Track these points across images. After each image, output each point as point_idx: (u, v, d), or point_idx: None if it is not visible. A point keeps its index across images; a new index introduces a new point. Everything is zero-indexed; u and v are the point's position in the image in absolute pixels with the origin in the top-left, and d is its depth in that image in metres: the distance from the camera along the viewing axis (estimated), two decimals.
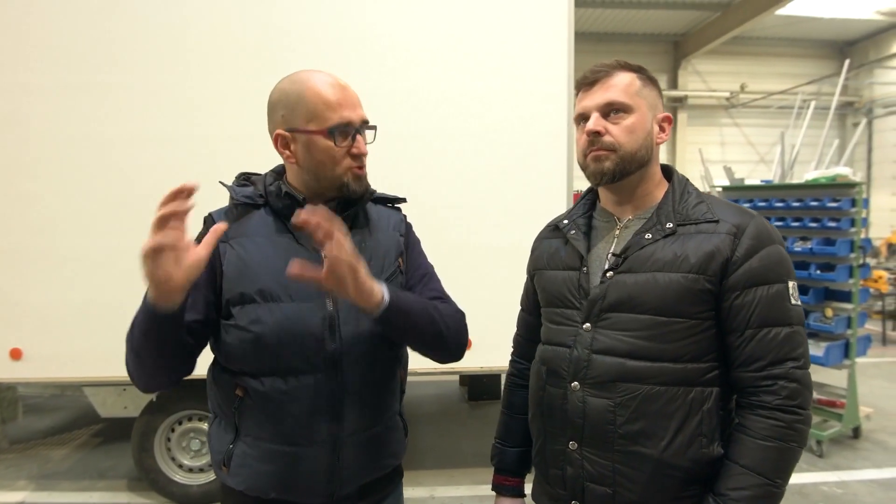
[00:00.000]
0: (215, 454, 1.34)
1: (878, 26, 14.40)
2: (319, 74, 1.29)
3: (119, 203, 3.09)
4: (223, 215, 1.34)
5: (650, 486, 1.18)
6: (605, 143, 1.24)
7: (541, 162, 3.30)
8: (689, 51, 14.80)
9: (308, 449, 1.26)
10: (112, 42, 3.07)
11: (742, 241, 1.17)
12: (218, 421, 1.36)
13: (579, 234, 1.33)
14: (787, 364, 1.15)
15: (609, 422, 1.19)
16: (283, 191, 1.29)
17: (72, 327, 3.14)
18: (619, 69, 1.26)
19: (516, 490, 1.51)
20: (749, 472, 1.13)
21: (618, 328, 1.21)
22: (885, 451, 4.21)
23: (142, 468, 3.43)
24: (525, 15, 3.23)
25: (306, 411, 1.25)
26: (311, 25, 3.13)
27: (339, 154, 1.26)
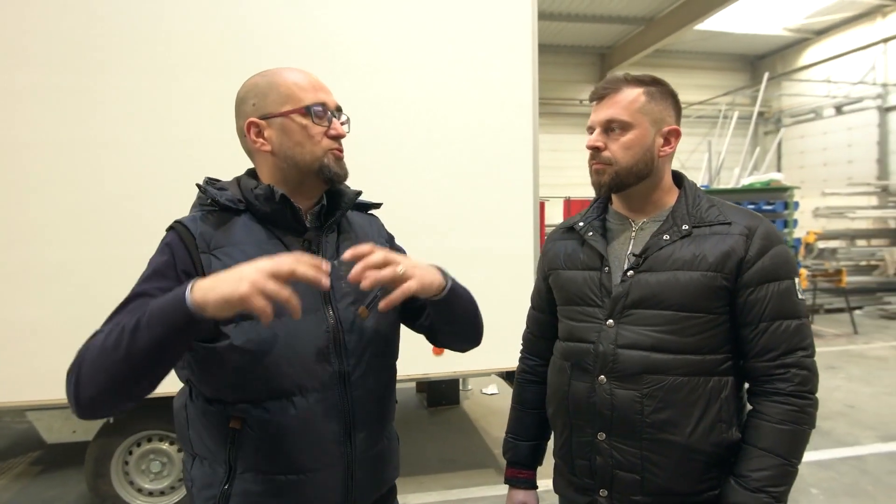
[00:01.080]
0: (203, 500, 1.18)
1: (786, 41, 15.53)
2: (289, 67, 1.26)
3: (68, 212, 2.93)
4: (198, 222, 1.18)
5: (676, 472, 1.26)
6: (602, 158, 1.33)
7: (507, 169, 3.38)
8: (615, 63, 15.44)
9: (321, 474, 1.17)
10: (77, 45, 2.93)
11: (754, 241, 1.27)
12: (198, 461, 1.20)
13: (597, 236, 1.40)
14: (798, 353, 1.25)
15: (637, 412, 1.26)
16: (277, 194, 1.17)
17: (14, 347, 2.95)
18: (626, 85, 1.34)
19: (529, 482, 1.57)
20: (768, 454, 1.22)
21: (641, 323, 1.28)
22: (819, 435, 4.53)
23: (98, 494, 3.25)
24: (490, 25, 3.31)
25: (319, 433, 1.16)
26: (288, 32, 3.10)
27: (318, 133, 1.20)
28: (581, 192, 13.12)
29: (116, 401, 1.02)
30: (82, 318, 2.90)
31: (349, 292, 1.20)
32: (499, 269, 3.31)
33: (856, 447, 4.28)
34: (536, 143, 3.42)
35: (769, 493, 1.20)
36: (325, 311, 1.18)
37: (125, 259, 2.97)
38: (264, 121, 1.20)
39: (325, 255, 1.22)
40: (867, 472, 3.85)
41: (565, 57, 15.19)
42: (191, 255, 1.14)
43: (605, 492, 1.32)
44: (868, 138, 14.15)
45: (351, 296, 1.21)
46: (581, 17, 13.47)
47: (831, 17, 13.98)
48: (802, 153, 15.81)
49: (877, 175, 13.52)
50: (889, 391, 5.63)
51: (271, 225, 1.20)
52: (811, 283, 8.42)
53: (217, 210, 1.20)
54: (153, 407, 3.19)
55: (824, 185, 12.46)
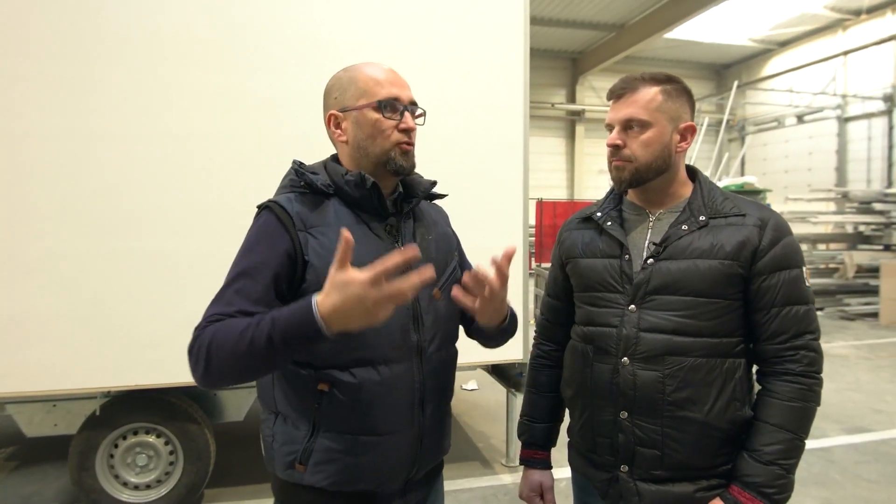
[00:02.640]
0: (283, 455, 1.27)
1: (751, 52, 16.00)
2: (371, 63, 1.35)
3: (55, 203, 2.89)
4: (293, 202, 1.27)
5: (695, 447, 1.33)
6: (623, 155, 1.40)
7: (498, 170, 3.45)
8: (586, 68, 15.70)
9: (396, 437, 1.28)
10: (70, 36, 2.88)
11: (766, 231, 1.35)
12: (282, 419, 1.29)
13: (615, 225, 1.47)
14: (806, 336, 1.34)
15: (659, 391, 1.33)
16: (368, 181, 1.26)
17: (2, 339, 2.89)
18: (643, 84, 1.40)
19: (545, 462, 1.63)
20: (779, 429, 1.31)
21: (662, 308, 1.35)
22: None
23: (82, 489, 3.20)
24: (482, 26, 3.37)
25: (397, 400, 1.27)
26: (279, 30, 3.11)
27: (388, 127, 1.29)
28: (553, 195, 13.32)
29: (238, 383, 1.18)
30: (65, 309, 2.92)
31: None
32: (487, 267, 3.36)
33: (823, 439, 4.47)
34: (527, 142, 3.49)
35: (781, 465, 1.29)
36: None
37: (112, 252, 2.97)
38: (343, 113, 1.31)
39: (405, 239, 1.33)
40: (834, 462, 4.03)
41: (538, 61, 15.34)
42: (289, 232, 1.22)
43: (626, 467, 1.39)
44: (827, 147, 14.69)
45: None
46: (554, 21, 13.67)
47: (794, 30, 14.47)
48: (765, 160, 16.32)
49: (835, 182, 14.05)
50: (851, 387, 5.88)
51: (358, 210, 1.30)
52: None
53: (308, 193, 1.29)
54: (139, 399, 3.20)
55: (786, 192, 12.89)
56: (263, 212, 1.29)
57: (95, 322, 2.96)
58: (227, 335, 1.09)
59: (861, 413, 5.10)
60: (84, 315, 2.95)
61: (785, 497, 1.30)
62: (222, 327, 1.11)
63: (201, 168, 3.04)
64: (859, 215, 10.73)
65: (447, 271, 1.39)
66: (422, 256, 1.24)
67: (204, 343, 1.11)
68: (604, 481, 1.44)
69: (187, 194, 3.03)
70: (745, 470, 1.31)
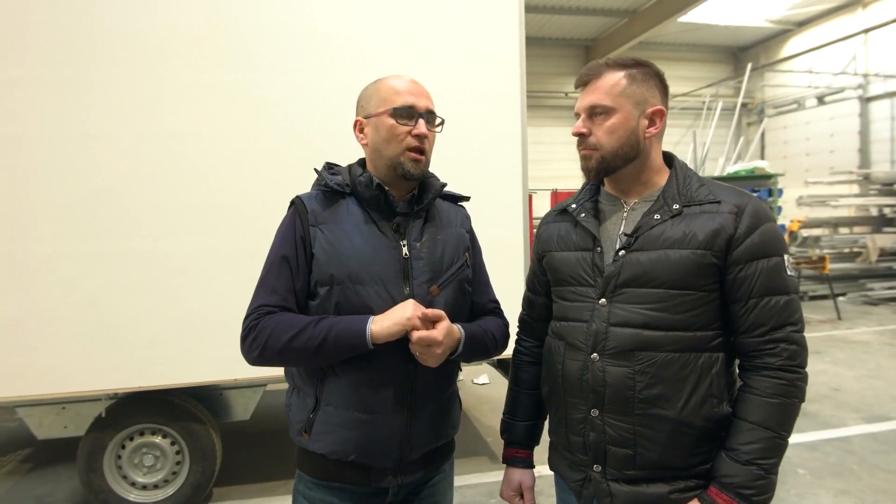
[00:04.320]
0: (295, 423, 1.45)
1: (768, 33, 15.64)
2: (398, 75, 1.48)
3: (60, 204, 2.91)
4: (313, 199, 1.45)
5: (668, 446, 1.28)
6: (588, 143, 1.37)
7: (495, 161, 3.40)
8: (599, 55, 15.46)
9: (385, 418, 1.39)
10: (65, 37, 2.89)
11: (743, 219, 1.29)
12: (297, 392, 1.47)
13: (589, 217, 1.42)
14: (787, 328, 1.27)
15: (629, 388, 1.29)
16: (374, 182, 1.41)
17: (5, 342, 2.92)
18: (608, 69, 1.36)
19: (527, 461, 1.60)
20: (758, 427, 1.25)
21: (633, 302, 1.31)
22: (805, 417, 4.61)
23: (91, 489, 3.24)
24: (477, 16, 3.32)
25: (387, 386, 1.39)
26: (272, 26, 3.10)
27: (401, 132, 1.40)
28: (568, 185, 13.16)
29: (283, 366, 1.44)
30: (69, 312, 2.94)
31: (424, 272, 1.43)
32: (489, 259, 3.32)
33: (841, 429, 4.37)
34: (524, 133, 3.43)
35: (759, 465, 1.23)
36: (402, 285, 1.40)
37: (113, 253, 2.98)
38: (366, 119, 1.46)
39: (410, 237, 1.44)
40: (852, 453, 3.94)
41: (550, 49, 15.21)
42: (304, 226, 1.41)
43: (598, 467, 1.35)
44: (850, 128, 14.32)
45: (426, 275, 1.43)
46: (565, 9, 13.50)
47: (813, 9, 14.11)
48: (786, 143, 15.97)
49: (858, 164, 13.70)
50: (872, 374, 5.74)
51: (370, 208, 1.44)
52: (795, 271, 8.52)
53: (328, 191, 1.45)
54: (144, 401, 3.23)
55: (807, 175, 12.60)
56: (291, 206, 1.47)
57: (98, 324, 2.98)
58: (286, 329, 1.32)
59: (881, 401, 4.98)
60: (87, 317, 2.97)
61: (765, 498, 1.24)
62: (282, 321, 1.33)
63: (200, 168, 3.04)
64: (882, 197, 10.47)
65: (450, 270, 1.48)
66: (424, 253, 1.44)
67: (263, 332, 1.33)
68: (577, 482, 1.40)
69: (188, 194, 3.03)
70: (722, 470, 1.26)
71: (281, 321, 1.33)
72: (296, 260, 1.39)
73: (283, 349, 1.31)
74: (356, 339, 1.31)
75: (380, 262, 1.39)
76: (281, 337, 1.31)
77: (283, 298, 1.37)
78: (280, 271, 1.39)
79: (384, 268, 1.39)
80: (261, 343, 1.33)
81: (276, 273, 1.39)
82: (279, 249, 1.41)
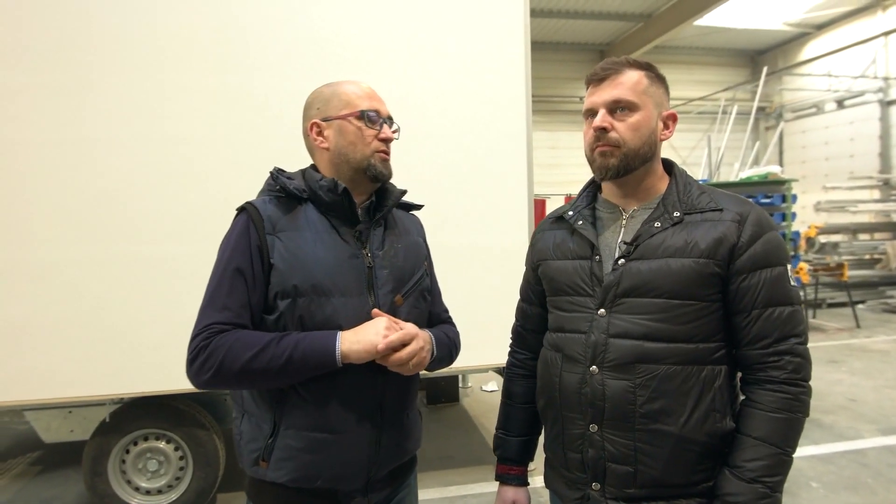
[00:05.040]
0: (249, 452, 1.34)
1: (787, 36, 15.45)
2: (352, 80, 1.45)
3: (66, 208, 2.92)
4: (267, 205, 1.35)
5: (670, 462, 1.23)
6: (610, 139, 1.29)
7: (500, 165, 3.36)
8: None
9: (353, 436, 1.32)
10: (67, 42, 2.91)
11: (745, 227, 1.24)
12: (248, 418, 1.36)
13: (587, 225, 1.38)
14: (791, 340, 1.23)
15: (630, 402, 1.24)
16: (340, 186, 1.34)
17: (10, 345, 2.93)
18: (628, 67, 1.31)
19: (520, 479, 1.54)
20: (762, 443, 1.20)
21: (633, 312, 1.26)
22: (820, 429, 4.51)
23: (95, 493, 3.24)
24: (483, 19, 3.29)
25: (354, 402, 1.32)
26: (276, 29, 3.09)
27: (369, 135, 1.38)
28: None
29: (237, 389, 1.35)
30: (74, 316, 2.94)
31: (389, 281, 1.38)
32: (494, 265, 3.29)
33: (857, 441, 4.25)
34: (530, 137, 3.39)
35: (765, 482, 1.18)
36: (367, 295, 1.35)
37: (117, 258, 2.98)
38: (325, 122, 1.39)
39: (372, 246, 1.39)
40: (868, 466, 3.83)
41: (564, 54, 15.12)
42: (259, 233, 1.31)
43: (597, 485, 1.30)
44: (870, 132, 14.06)
45: (390, 285, 1.38)
46: (580, 13, 13.41)
47: (832, 12, 13.91)
48: (804, 148, 15.73)
49: (879, 169, 13.45)
50: (891, 384, 5.60)
51: (330, 215, 1.37)
52: (813, 278, 8.38)
53: (284, 196, 1.37)
54: (149, 406, 3.22)
55: (826, 180, 12.41)
56: (241, 213, 1.36)
57: (104, 329, 2.98)
58: (244, 347, 1.21)
59: None
60: (92, 321, 2.98)
61: None
62: (238, 339, 1.22)
63: (204, 172, 3.04)
64: None
65: (413, 279, 1.44)
66: (388, 262, 1.39)
67: (217, 352, 1.21)
68: (575, 500, 1.35)
69: (193, 198, 3.03)
70: (726, 488, 1.21)
71: (237, 339, 1.23)
72: (251, 271, 1.28)
73: (241, 370, 1.20)
74: (325, 357, 1.24)
75: (343, 272, 1.32)
76: (239, 356, 1.21)
77: (237, 315, 1.26)
78: (233, 285, 1.27)
79: (348, 278, 1.32)
80: (214, 364, 1.21)
81: (227, 287, 1.27)
82: (230, 261, 1.29)
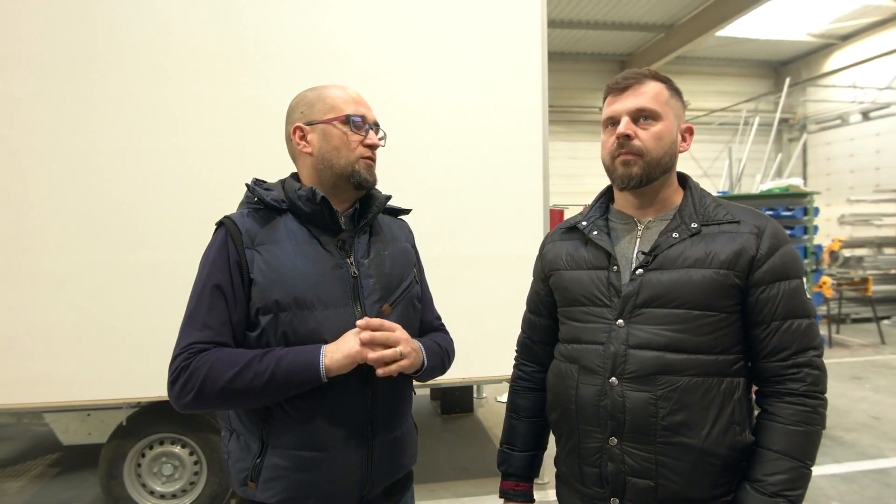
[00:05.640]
0: (237, 472, 1.30)
1: (810, 47, 15.28)
2: (337, 84, 1.40)
3: (83, 216, 2.97)
4: (245, 219, 1.31)
5: (693, 476, 1.21)
6: (633, 147, 1.27)
7: (516, 174, 3.36)
8: None
9: (344, 453, 1.27)
10: (79, 51, 2.96)
11: (764, 239, 1.23)
12: (236, 437, 1.32)
13: (602, 235, 1.36)
14: (809, 353, 1.21)
15: (651, 414, 1.21)
16: (318, 195, 1.29)
17: (31, 350, 2.97)
18: (649, 78, 1.31)
19: (526, 495, 1.51)
20: (783, 457, 1.18)
21: (653, 323, 1.24)
22: (842, 447, 4.40)
23: (111, 496, 3.26)
24: (500, 29, 3.29)
25: (343, 417, 1.27)
26: (291, 39, 3.11)
27: (354, 141, 1.33)
28: None
29: (220, 410, 1.29)
30: (93, 322, 2.97)
31: (376, 290, 1.33)
32: (509, 275, 3.27)
33: (880, 460, 4.14)
34: (546, 147, 3.39)
35: (787, 497, 1.16)
36: (353, 306, 1.30)
37: (133, 265, 3.02)
38: (309, 126, 1.35)
39: (357, 254, 1.34)
40: (891, 486, 3.72)
41: (585, 65, 15.08)
42: (237, 248, 1.27)
43: (616, 500, 1.27)
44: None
45: (377, 294, 1.33)
46: (601, 24, 13.38)
47: (856, 22, 13.74)
48: (829, 160, 15.52)
49: None
50: None
51: (311, 225, 1.32)
52: (836, 292, 8.22)
53: (262, 209, 1.33)
54: (164, 410, 3.24)
55: (851, 192, 12.20)
56: (220, 228, 1.33)
57: (122, 334, 3.02)
58: (225, 367, 1.17)
59: None
60: (110, 327, 3.02)
61: None
62: (219, 359, 1.18)
63: (216, 179, 3.06)
64: None
65: (401, 287, 1.39)
66: (374, 271, 1.34)
67: (198, 373, 1.17)
68: None
69: (207, 206, 3.03)
70: (748, 503, 1.19)
71: (218, 358, 1.18)
72: (231, 288, 1.24)
73: (223, 390, 1.16)
74: (309, 372, 1.19)
75: (327, 283, 1.27)
76: (220, 376, 1.16)
77: (217, 333, 1.22)
78: (212, 303, 1.23)
79: (333, 289, 1.27)
80: (195, 385, 1.16)
81: (207, 305, 1.23)
82: (209, 278, 1.25)
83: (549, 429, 1.51)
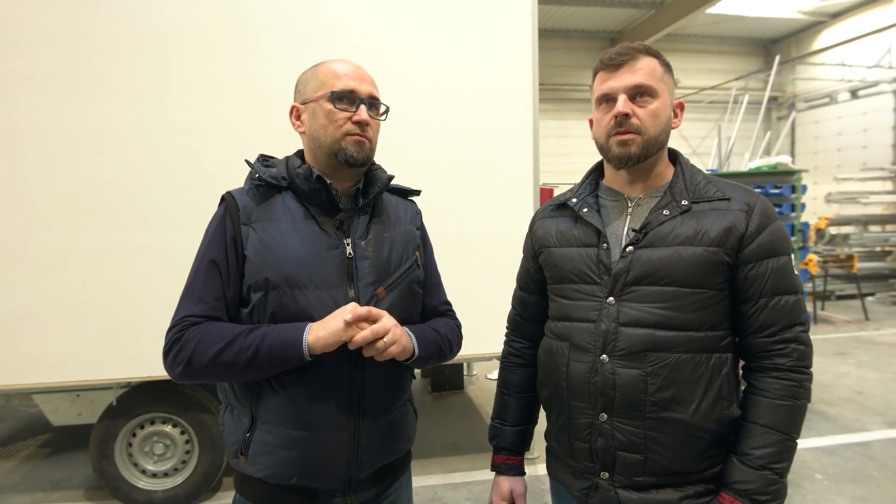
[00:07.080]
0: (230, 444, 1.33)
1: (800, 25, 15.25)
2: (339, 59, 1.35)
3: (75, 197, 2.94)
4: (244, 195, 1.32)
5: (680, 450, 1.23)
6: (632, 126, 1.26)
7: (506, 155, 3.34)
8: None
9: (329, 434, 1.27)
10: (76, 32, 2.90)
11: (753, 217, 1.24)
12: (230, 410, 1.34)
13: (592, 212, 1.36)
14: (796, 328, 1.23)
15: (641, 390, 1.23)
16: (314, 174, 1.28)
17: (20, 331, 2.95)
18: (643, 53, 1.28)
19: (517, 468, 1.53)
20: (770, 431, 1.20)
21: (643, 300, 1.25)
22: (825, 421, 4.49)
23: (102, 476, 3.27)
24: (490, 8, 3.25)
25: (329, 398, 1.27)
26: (286, 19, 3.07)
27: (340, 118, 1.29)
28: None
29: (211, 382, 1.29)
30: (82, 302, 2.96)
31: (370, 273, 1.31)
32: (499, 254, 3.28)
33: (862, 433, 4.23)
34: (536, 126, 3.37)
35: (773, 469, 1.19)
36: (347, 288, 1.28)
37: (125, 246, 3.00)
38: (303, 105, 1.34)
39: (355, 235, 1.32)
40: (873, 458, 3.81)
41: (575, 42, 14.97)
42: (234, 224, 1.28)
43: (606, 474, 1.29)
44: (884, 123, 13.89)
45: (371, 276, 1.31)
46: (591, 0, 13.27)
47: (846, 0, 13.71)
48: (817, 138, 15.58)
49: (892, 160, 13.30)
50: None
51: (309, 204, 1.31)
52: (822, 269, 8.32)
53: (263, 185, 1.32)
54: (155, 390, 3.24)
55: (839, 171, 12.28)
56: (221, 203, 1.34)
57: (111, 314, 3.00)
58: (213, 341, 1.19)
59: None
60: (100, 308, 3.00)
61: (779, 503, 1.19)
62: (209, 333, 1.20)
63: (211, 161, 3.03)
64: None
65: (399, 270, 1.36)
66: (370, 252, 1.31)
67: (188, 345, 1.19)
68: (583, 490, 1.34)
69: (200, 188, 3.02)
70: (735, 476, 1.21)
71: (207, 332, 1.20)
72: (226, 264, 1.25)
73: (210, 363, 1.18)
74: (292, 350, 1.18)
75: (320, 264, 1.26)
76: (207, 350, 1.18)
77: (211, 307, 1.23)
78: (208, 277, 1.25)
79: (325, 269, 1.26)
80: (185, 357, 1.19)
81: (203, 279, 1.25)
82: (206, 252, 1.27)
83: (539, 404, 1.53)
